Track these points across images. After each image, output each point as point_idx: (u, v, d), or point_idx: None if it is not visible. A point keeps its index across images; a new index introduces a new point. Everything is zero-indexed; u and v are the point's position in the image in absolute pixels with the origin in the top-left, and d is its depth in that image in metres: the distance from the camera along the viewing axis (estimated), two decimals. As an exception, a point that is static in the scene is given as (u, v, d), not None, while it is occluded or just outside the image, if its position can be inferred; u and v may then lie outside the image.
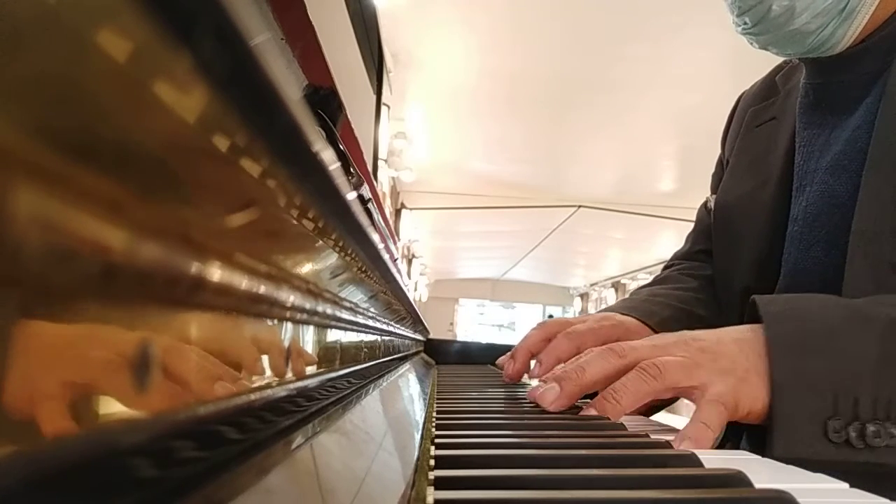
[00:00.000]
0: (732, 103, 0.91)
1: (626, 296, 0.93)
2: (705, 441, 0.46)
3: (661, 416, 0.74)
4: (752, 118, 0.82)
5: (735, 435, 0.72)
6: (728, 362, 0.50)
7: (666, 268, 0.95)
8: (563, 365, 0.57)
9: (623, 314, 0.77)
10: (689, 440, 0.45)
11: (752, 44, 0.69)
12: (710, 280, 0.86)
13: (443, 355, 1.48)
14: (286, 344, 0.25)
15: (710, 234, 0.85)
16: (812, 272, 0.67)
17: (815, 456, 0.46)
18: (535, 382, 0.73)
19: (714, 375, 0.49)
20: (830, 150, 0.67)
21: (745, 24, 0.67)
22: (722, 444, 0.70)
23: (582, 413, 0.52)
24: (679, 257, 0.94)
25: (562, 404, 0.53)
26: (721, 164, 0.89)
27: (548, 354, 0.71)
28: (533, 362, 0.75)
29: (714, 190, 0.88)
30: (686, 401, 0.52)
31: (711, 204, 0.85)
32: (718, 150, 0.92)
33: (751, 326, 0.52)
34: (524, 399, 0.66)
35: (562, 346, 0.71)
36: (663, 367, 0.49)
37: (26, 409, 0.10)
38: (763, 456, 0.47)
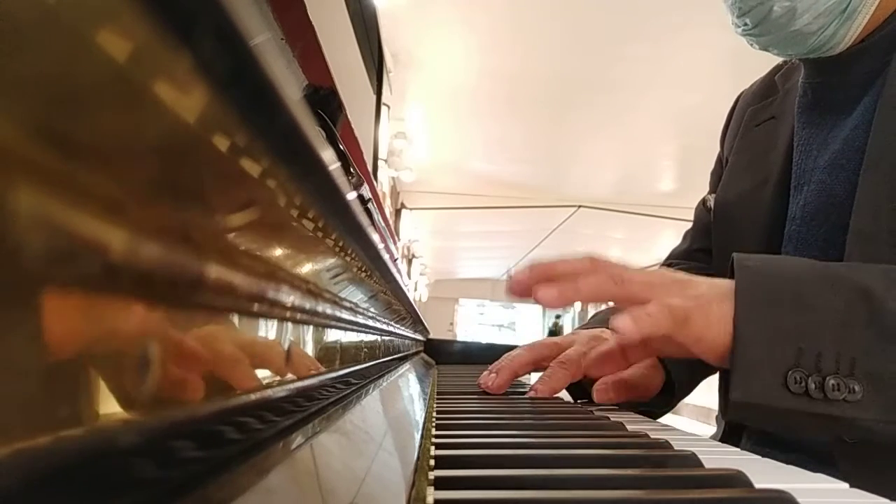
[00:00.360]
0: (732, 103, 0.91)
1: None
2: (641, 324, 0.48)
3: (663, 417, 0.74)
4: (752, 117, 0.82)
5: (735, 435, 0.72)
6: (694, 291, 0.51)
7: (663, 266, 0.95)
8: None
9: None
10: (624, 316, 0.48)
11: (752, 45, 0.69)
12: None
13: (443, 355, 1.48)
14: (286, 344, 0.25)
15: (708, 232, 0.85)
16: None
17: (772, 402, 0.46)
18: (533, 379, 0.73)
19: (675, 294, 0.51)
20: (828, 150, 0.67)
21: (746, 25, 0.66)
22: (722, 440, 0.70)
23: (537, 287, 0.53)
24: (676, 256, 0.94)
25: (527, 284, 0.54)
26: (720, 163, 0.89)
27: (541, 383, 0.71)
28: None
29: (713, 188, 0.88)
30: (688, 402, 0.53)
31: (710, 202, 0.85)
32: (718, 150, 0.92)
33: (727, 280, 0.53)
34: (524, 399, 0.66)
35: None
36: (628, 280, 0.52)
37: (26, 409, 0.10)
38: (768, 452, 0.47)
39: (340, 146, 0.49)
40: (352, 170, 0.54)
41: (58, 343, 0.10)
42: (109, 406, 0.12)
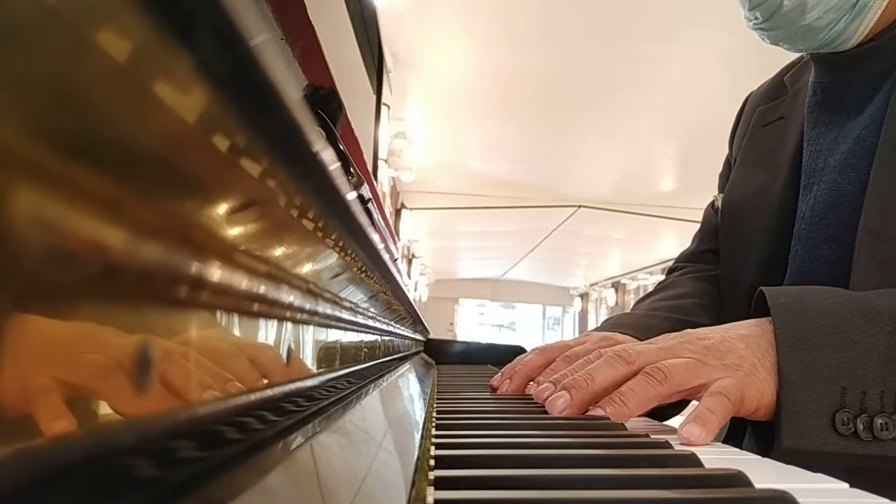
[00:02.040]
0: (732, 103, 0.91)
1: (626, 296, 0.93)
2: (709, 426, 0.46)
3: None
4: (760, 117, 0.82)
5: (738, 433, 0.72)
6: (735, 359, 0.50)
7: (671, 270, 0.95)
8: (572, 367, 0.57)
9: (622, 333, 0.76)
10: (692, 424, 0.45)
11: (763, 39, 0.69)
12: (715, 281, 0.85)
13: (443, 355, 1.48)
14: (286, 344, 0.25)
15: (716, 233, 0.85)
16: (819, 270, 0.67)
17: (823, 448, 0.46)
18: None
19: (720, 372, 0.49)
20: (839, 149, 0.67)
21: (757, 18, 0.66)
22: (725, 441, 0.70)
23: (588, 414, 0.52)
24: (684, 259, 0.94)
25: (570, 413, 0.52)
26: (728, 163, 0.89)
27: (547, 377, 0.71)
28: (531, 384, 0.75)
29: (721, 189, 0.87)
30: (694, 400, 0.52)
31: (719, 203, 0.85)
32: (719, 150, 0.92)
33: (757, 321, 0.52)
34: (524, 399, 0.66)
35: (561, 370, 0.71)
36: (669, 371, 0.49)
37: (26, 409, 0.10)
38: (770, 451, 0.47)
39: (340, 146, 0.49)
40: (352, 170, 0.54)
41: (57, 343, 0.10)
42: (109, 406, 0.12)
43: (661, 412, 0.71)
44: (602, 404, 0.51)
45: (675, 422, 0.58)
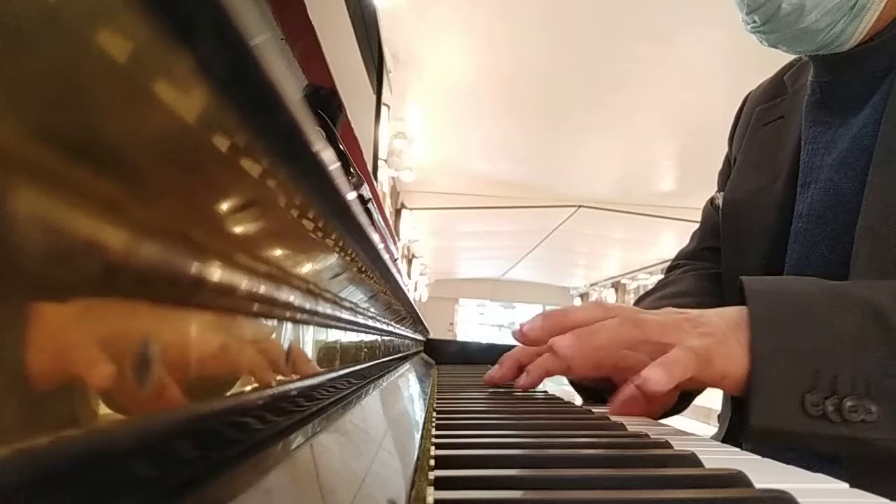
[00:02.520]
0: (732, 103, 0.91)
1: (626, 295, 0.93)
2: (671, 371, 0.48)
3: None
4: (760, 117, 0.82)
5: (735, 434, 0.72)
6: (708, 328, 0.51)
7: (670, 268, 0.95)
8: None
9: None
10: (654, 367, 0.48)
11: (761, 42, 0.69)
12: (715, 279, 0.86)
13: (443, 355, 1.48)
14: (286, 344, 0.25)
15: (716, 231, 0.85)
16: (817, 269, 0.67)
17: (792, 428, 0.47)
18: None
19: (691, 334, 0.51)
20: (836, 148, 0.67)
21: (755, 22, 0.67)
22: (725, 441, 0.70)
23: (554, 338, 0.53)
24: (684, 256, 0.94)
25: (540, 335, 0.55)
26: (728, 162, 0.89)
27: (536, 367, 0.71)
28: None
29: (721, 187, 0.87)
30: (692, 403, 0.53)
31: (719, 201, 0.85)
32: (719, 150, 0.92)
33: (736, 307, 0.53)
34: (524, 400, 0.66)
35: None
36: (644, 321, 0.52)
37: (25, 409, 0.10)
38: (743, 432, 0.48)
39: (340, 146, 0.49)
40: (352, 170, 0.54)
41: (57, 343, 0.10)
42: (109, 406, 0.12)
43: (665, 413, 0.71)
44: (574, 331, 0.53)
45: (674, 421, 0.58)
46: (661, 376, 0.48)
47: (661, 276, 0.96)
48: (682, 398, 0.70)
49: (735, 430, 0.69)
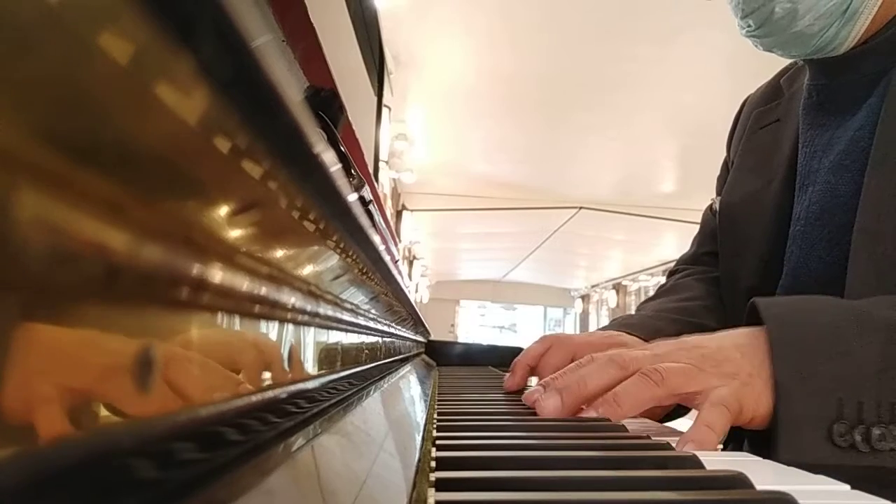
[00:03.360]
0: (733, 104, 0.92)
1: (627, 297, 0.93)
2: (708, 444, 0.46)
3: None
4: (757, 120, 0.82)
5: (738, 437, 0.71)
6: (731, 367, 0.49)
7: (672, 273, 0.95)
8: (563, 370, 0.56)
9: (629, 333, 0.76)
10: (692, 443, 0.45)
11: (756, 46, 0.69)
12: (717, 282, 0.86)
13: (444, 357, 1.48)
14: (287, 345, 0.25)
15: (715, 236, 0.85)
16: (814, 271, 0.67)
17: (821, 460, 0.45)
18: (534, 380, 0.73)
19: (717, 379, 0.49)
20: (833, 150, 0.67)
21: (749, 26, 0.67)
22: (724, 447, 0.69)
23: (581, 415, 0.51)
24: (685, 262, 0.94)
25: (560, 415, 0.52)
26: (726, 167, 0.90)
27: (544, 366, 0.71)
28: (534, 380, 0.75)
29: (719, 192, 0.88)
30: (690, 407, 0.52)
31: (717, 206, 0.85)
32: (720, 151, 0.92)
33: (751, 330, 0.51)
34: (524, 401, 0.66)
35: (557, 356, 0.71)
36: (665, 373, 0.49)
37: (29, 411, 0.10)
38: (763, 458, 0.47)
39: (341, 148, 0.49)
40: (353, 171, 0.54)
41: (59, 344, 0.10)
42: (111, 408, 0.12)
43: (668, 414, 0.71)
44: (595, 405, 0.50)
45: (675, 422, 0.58)
46: (706, 444, 0.45)
47: (661, 278, 0.96)
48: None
49: (736, 431, 0.69)
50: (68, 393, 0.11)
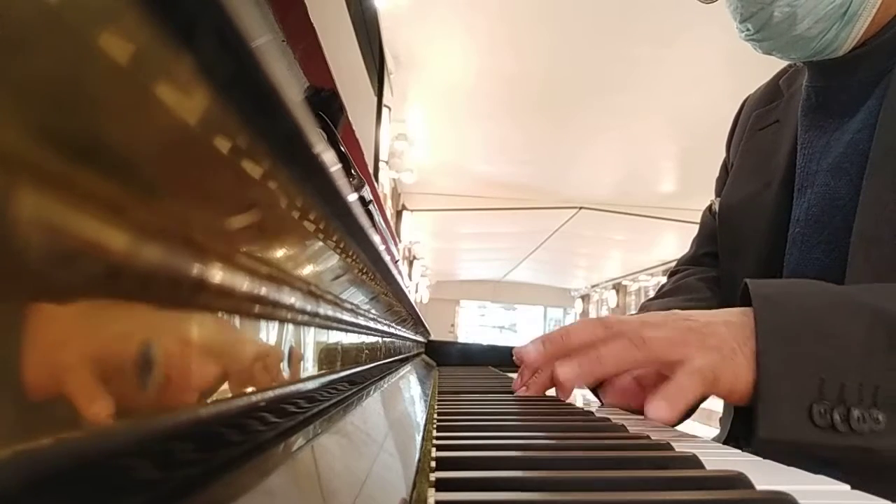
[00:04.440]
0: (733, 104, 0.92)
1: (627, 297, 0.93)
2: (677, 403, 0.47)
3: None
4: (756, 121, 0.82)
5: (738, 436, 0.72)
6: (715, 341, 0.50)
7: (672, 273, 0.95)
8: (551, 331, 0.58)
9: None
10: (659, 401, 0.47)
11: (756, 49, 0.69)
12: (717, 280, 0.86)
13: (444, 357, 1.48)
14: (287, 345, 0.25)
15: (714, 237, 0.86)
16: (813, 273, 0.67)
17: (799, 438, 0.46)
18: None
19: (698, 351, 0.50)
20: (831, 152, 0.68)
21: (748, 30, 0.67)
22: (725, 443, 0.69)
23: (561, 365, 0.52)
24: (685, 262, 0.94)
25: (542, 361, 0.54)
26: (725, 168, 0.90)
27: (536, 385, 0.71)
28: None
29: (718, 193, 0.88)
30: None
31: (716, 207, 0.85)
32: (720, 152, 0.92)
33: (742, 310, 0.52)
34: (525, 401, 0.66)
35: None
36: (648, 340, 0.50)
37: (29, 410, 0.10)
38: (748, 439, 0.47)
39: (342, 148, 0.49)
40: (353, 171, 0.54)
41: (60, 344, 0.10)
42: (111, 408, 0.12)
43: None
44: (579, 358, 0.52)
45: (685, 426, 0.58)
46: (665, 412, 0.48)
47: (661, 278, 0.96)
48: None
49: (736, 431, 0.69)
50: (68, 392, 0.11)
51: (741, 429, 0.69)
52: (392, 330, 0.73)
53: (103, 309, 0.12)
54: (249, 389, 0.20)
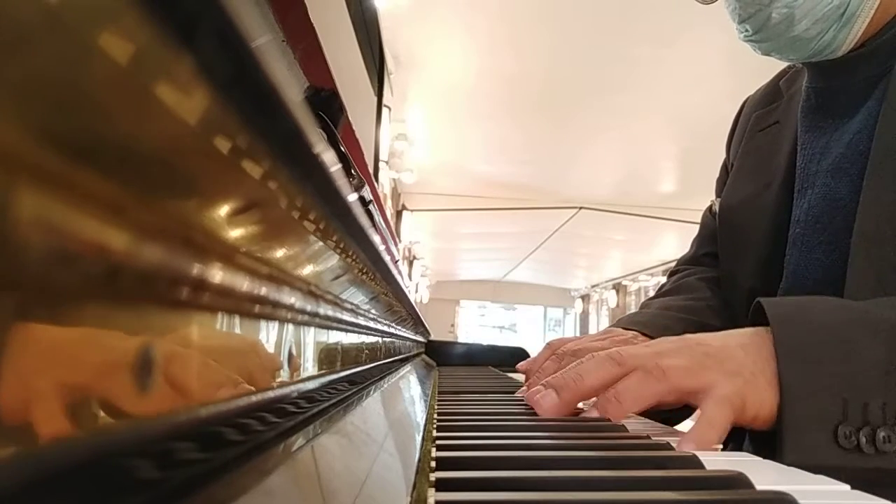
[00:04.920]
0: (734, 104, 0.92)
1: (627, 297, 0.93)
2: (709, 442, 0.46)
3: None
4: (756, 122, 0.82)
5: (738, 437, 0.71)
6: (734, 365, 0.49)
7: (672, 273, 0.95)
8: (561, 367, 0.56)
9: (637, 331, 0.76)
10: (692, 442, 0.45)
11: (755, 50, 0.69)
12: (719, 283, 0.86)
13: (444, 357, 1.48)
14: (287, 345, 0.25)
15: (714, 237, 0.86)
16: (814, 274, 0.67)
17: (826, 462, 0.45)
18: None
19: (720, 376, 0.48)
20: (831, 153, 0.68)
21: (747, 31, 0.67)
22: (724, 446, 0.69)
23: (583, 416, 0.51)
24: (685, 262, 0.94)
25: (558, 412, 0.52)
26: (725, 169, 0.90)
27: (538, 379, 0.70)
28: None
29: (718, 194, 0.88)
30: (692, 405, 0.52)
31: (716, 207, 0.85)
32: (720, 152, 0.92)
33: (755, 330, 0.51)
34: (524, 401, 0.66)
35: (551, 370, 0.71)
36: (667, 370, 0.48)
37: (29, 411, 0.10)
38: (765, 458, 0.47)
39: (341, 148, 0.49)
40: (353, 171, 0.54)
41: (59, 344, 0.10)
42: (112, 408, 0.12)
43: (670, 418, 0.71)
44: (596, 404, 0.50)
45: (685, 426, 0.58)
46: (701, 446, 0.45)
47: (661, 278, 0.96)
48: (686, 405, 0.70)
49: (736, 432, 0.69)
50: (68, 393, 0.11)
51: (759, 452, 0.68)
52: (392, 330, 0.73)
53: (103, 308, 0.12)
54: (249, 389, 0.20)
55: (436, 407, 0.57)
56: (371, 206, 0.64)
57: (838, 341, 0.47)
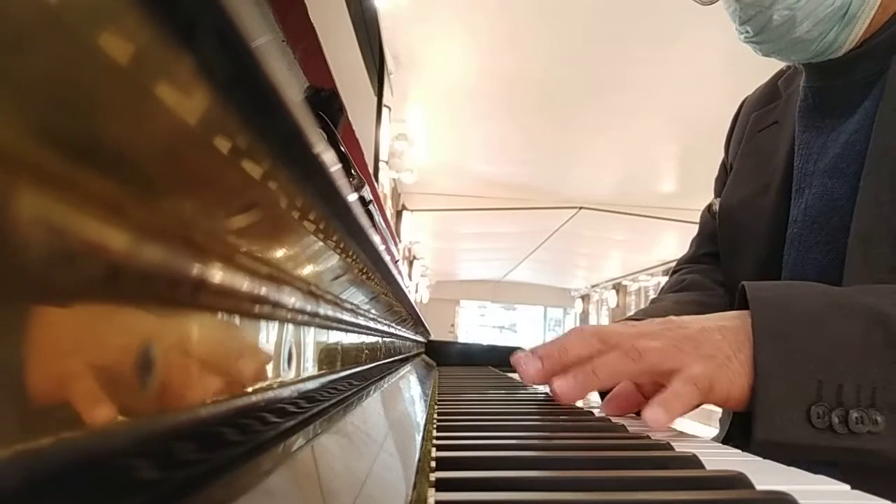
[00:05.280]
0: (733, 105, 0.92)
1: (627, 297, 0.93)
2: (673, 410, 0.48)
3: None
4: (755, 122, 0.82)
5: (738, 436, 0.72)
6: (710, 349, 0.50)
7: (673, 273, 0.95)
8: (549, 341, 0.58)
9: None
10: (655, 407, 0.47)
11: (756, 52, 0.69)
12: (719, 276, 0.86)
13: (444, 357, 1.49)
14: (287, 345, 0.25)
15: (714, 237, 0.86)
16: (811, 274, 0.67)
17: (797, 440, 0.46)
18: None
19: (693, 359, 0.50)
20: (828, 153, 0.68)
21: (748, 33, 0.67)
22: (724, 443, 0.70)
23: (557, 380, 0.53)
24: (685, 262, 0.94)
25: (540, 379, 0.54)
26: (724, 169, 0.90)
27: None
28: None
29: (718, 194, 0.88)
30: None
31: (716, 207, 0.85)
32: (719, 152, 0.92)
33: (737, 313, 0.52)
34: (525, 401, 0.66)
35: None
36: (643, 351, 0.51)
37: (28, 410, 0.10)
38: (747, 441, 0.47)
39: (341, 148, 0.49)
40: (353, 171, 0.54)
41: (60, 344, 0.10)
42: (111, 408, 0.12)
43: None
44: (574, 372, 0.52)
45: (675, 423, 0.58)
46: (661, 416, 0.48)
47: (662, 278, 0.96)
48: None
49: (736, 432, 0.69)
50: (68, 392, 0.11)
51: (738, 433, 0.69)
52: (392, 330, 0.73)
53: (103, 308, 0.12)
54: (249, 389, 0.20)
55: (436, 407, 0.57)
56: (371, 206, 0.64)
57: (815, 324, 0.48)
